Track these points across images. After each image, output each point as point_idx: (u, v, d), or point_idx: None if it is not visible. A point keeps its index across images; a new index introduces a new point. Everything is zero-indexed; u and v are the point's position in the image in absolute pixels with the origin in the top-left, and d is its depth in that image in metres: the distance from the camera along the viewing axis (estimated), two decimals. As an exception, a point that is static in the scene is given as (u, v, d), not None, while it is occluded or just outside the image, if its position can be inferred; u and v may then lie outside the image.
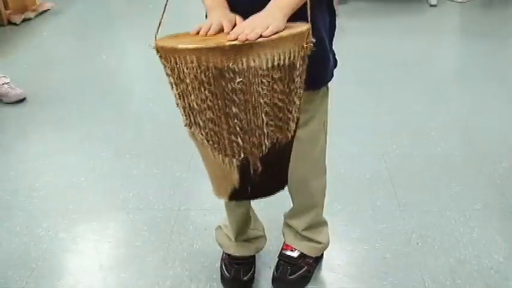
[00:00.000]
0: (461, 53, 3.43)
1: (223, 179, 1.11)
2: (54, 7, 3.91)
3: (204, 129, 1.05)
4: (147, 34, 3.16)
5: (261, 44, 0.96)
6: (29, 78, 2.86)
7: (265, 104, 1.02)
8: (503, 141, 2.31)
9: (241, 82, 0.98)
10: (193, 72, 0.99)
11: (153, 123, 2.48)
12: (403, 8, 3.97)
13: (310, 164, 1.40)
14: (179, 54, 1.00)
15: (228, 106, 1.01)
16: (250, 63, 0.97)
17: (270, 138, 1.06)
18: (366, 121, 2.47)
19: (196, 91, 1.01)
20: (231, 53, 0.95)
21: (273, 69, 0.99)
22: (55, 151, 2.29)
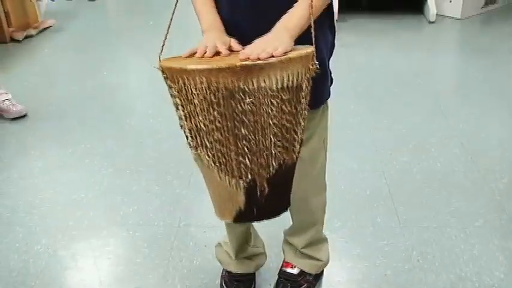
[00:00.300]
0: (460, 69, 3.44)
1: (228, 201, 1.10)
2: (56, 24, 3.94)
3: (211, 150, 1.04)
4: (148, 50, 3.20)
5: (272, 65, 0.96)
6: (30, 94, 2.87)
7: (274, 125, 1.02)
8: (504, 157, 2.31)
9: (251, 103, 0.98)
10: (202, 93, 0.98)
11: (154, 138, 2.48)
12: (402, 24, 4.00)
13: (310, 181, 1.40)
14: (188, 75, 0.99)
15: (237, 127, 1.00)
16: (260, 83, 0.97)
17: (277, 159, 1.06)
18: (366, 137, 2.47)
19: (204, 112, 1.00)
20: (242, 73, 0.95)
21: (282, 90, 1.00)
22: (55, 167, 2.29)
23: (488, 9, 4.20)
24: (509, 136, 2.49)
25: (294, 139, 1.08)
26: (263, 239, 1.60)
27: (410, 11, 4.12)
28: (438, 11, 4.04)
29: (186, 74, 0.99)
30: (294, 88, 1.02)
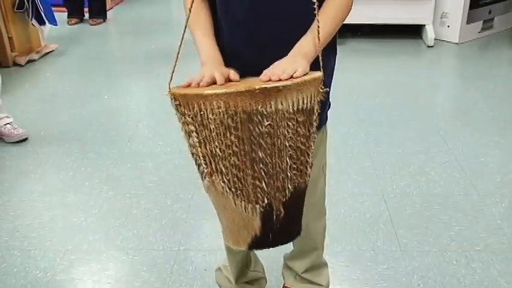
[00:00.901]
0: (459, 93, 3.46)
1: (243, 228, 1.09)
2: (58, 48, 3.97)
3: (227, 175, 1.04)
4: (149, 75, 3.19)
5: (289, 87, 0.97)
6: (31, 118, 2.88)
7: (290, 147, 1.03)
8: (504, 181, 2.31)
9: (269, 125, 0.99)
10: (219, 118, 0.98)
11: (154, 162, 2.48)
12: (401, 48, 4.04)
13: (310, 207, 1.38)
14: (205, 100, 0.99)
15: (254, 150, 1.01)
16: (278, 106, 0.98)
17: (293, 182, 1.06)
18: (366, 160, 2.46)
19: (221, 137, 1.00)
20: (260, 96, 0.96)
21: (298, 112, 1.01)
22: (55, 191, 2.28)
23: (486, 34, 4.24)
24: (508, 160, 2.49)
25: (307, 162, 1.08)
26: (263, 263, 1.59)
27: (409, 35, 4.16)
28: (436, 36, 4.07)
29: (202, 99, 0.99)
30: (308, 110, 1.03)
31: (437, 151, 2.55)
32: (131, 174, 2.39)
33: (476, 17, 4.12)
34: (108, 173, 2.39)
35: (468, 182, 2.28)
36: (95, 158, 2.53)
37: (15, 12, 3.56)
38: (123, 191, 2.26)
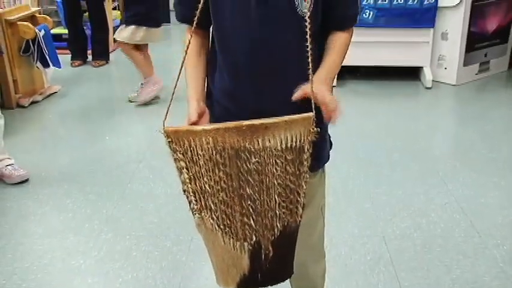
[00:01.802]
0: (457, 134, 3.49)
1: (232, 267, 1.09)
2: (61, 90, 4.01)
3: (216, 212, 1.05)
4: (149, 115, 3.20)
5: (276, 125, 1.00)
6: (33, 159, 2.89)
7: (279, 185, 1.04)
8: (504, 222, 2.30)
9: (256, 162, 1.01)
10: (208, 154, 1.00)
11: (154, 203, 2.48)
12: (400, 90, 4.08)
13: (308, 249, 1.39)
14: (195, 136, 1.01)
15: (242, 187, 1.02)
16: (265, 143, 1.00)
17: (282, 220, 1.07)
18: (366, 202, 2.46)
19: (210, 173, 1.02)
20: (248, 132, 0.98)
21: (286, 150, 1.02)
22: (55, 233, 2.28)
23: (482, 76, 4.29)
24: (508, 201, 2.49)
25: (297, 201, 1.08)
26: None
27: (407, 77, 4.21)
28: (434, 78, 4.12)
29: (192, 135, 1.01)
30: (297, 149, 1.04)
31: (437, 192, 2.55)
32: (131, 215, 2.39)
33: (473, 59, 4.19)
34: (108, 215, 2.39)
35: (469, 224, 2.28)
36: (95, 199, 2.53)
37: (21, 55, 3.62)
38: (123, 232, 2.25)
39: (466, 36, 4.04)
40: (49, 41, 3.71)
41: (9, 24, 3.48)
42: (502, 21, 4.26)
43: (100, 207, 2.45)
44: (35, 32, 3.55)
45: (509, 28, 4.33)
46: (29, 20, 3.65)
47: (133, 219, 2.35)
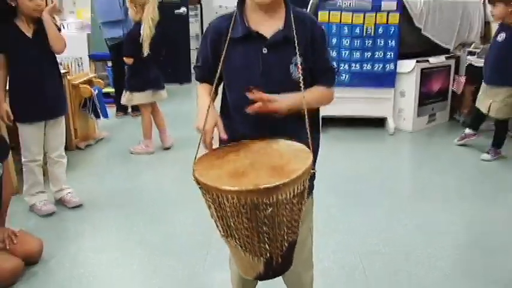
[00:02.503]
0: (415, 171, 3.49)
1: (250, 269, 1.11)
2: (109, 135, 4.05)
3: (239, 239, 1.06)
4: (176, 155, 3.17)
5: (287, 184, 0.99)
6: (86, 189, 2.90)
7: (287, 220, 1.04)
8: (454, 239, 2.30)
9: (271, 211, 0.99)
10: (233, 205, 0.99)
11: (180, 226, 2.46)
12: (369, 135, 4.09)
13: (301, 262, 1.39)
14: (222, 193, 1.00)
15: (260, 226, 1.02)
16: (279, 197, 0.99)
17: (288, 240, 1.08)
18: (343, 225, 2.46)
19: (234, 217, 1.02)
20: (265, 192, 0.97)
21: (294, 197, 1.02)
22: (102, 247, 2.27)
23: (431, 125, 4.34)
24: (455, 223, 2.49)
25: (298, 223, 1.10)
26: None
27: (375, 125, 4.23)
28: (396, 126, 4.16)
29: (219, 192, 1.00)
30: (301, 192, 1.04)
31: (400, 217, 2.55)
32: (159, 236, 2.37)
33: (424, 112, 4.23)
34: (141, 235, 2.38)
35: (425, 241, 2.28)
36: (131, 222, 2.52)
37: (80, 110, 3.68)
38: (152, 249, 2.24)
39: (418, 95, 4.10)
40: (100, 98, 3.77)
41: (73, 86, 3.56)
42: (443, 84, 4.34)
43: (136, 228, 2.45)
44: (91, 91, 3.62)
45: (448, 89, 4.41)
46: (87, 83, 3.72)
47: (162, 239, 2.34)
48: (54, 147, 2.61)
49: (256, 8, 1.24)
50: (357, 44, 3.96)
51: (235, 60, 1.25)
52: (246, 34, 1.23)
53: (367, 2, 3.89)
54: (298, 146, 1.13)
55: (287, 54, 1.21)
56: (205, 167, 1.11)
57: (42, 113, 2.49)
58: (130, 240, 2.33)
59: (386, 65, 4.01)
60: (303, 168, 1.03)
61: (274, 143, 1.18)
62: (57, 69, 2.56)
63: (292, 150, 1.13)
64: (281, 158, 1.10)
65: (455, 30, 4.36)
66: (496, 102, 3.27)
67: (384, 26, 3.93)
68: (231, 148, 1.18)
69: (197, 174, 1.06)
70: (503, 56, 3.22)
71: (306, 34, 1.24)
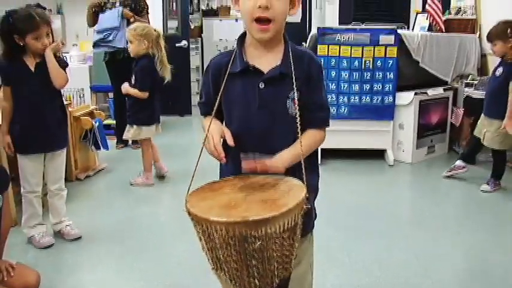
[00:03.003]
0: (414, 202, 3.51)
1: None
2: (108, 166, 4.08)
3: (228, 272, 1.05)
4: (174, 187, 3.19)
5: (276, 217, 0.98)
6: (85, 221, 2.91)
7: (277, 256, 1.03)
8: (453, 268, 2.29)
9: (260, 244, 0.98)
10: (221, 237, 0.99)
11: (177, 258, 2.47)
12: (369, 167, 4.12)
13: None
14: (210, 224, 1.00)
15: (249, 259, 1.01)
16: (267, 230, 0.98)
17: (279, 276, 1.06)
18: (344, 258, 2.46)
19: (223, 249, 1.01)
20: (253, 225, 0.97)
21: (284, 231, 1.01)
22: (101, 279, 2.27)
23: (430, 157, 4.38)
24: (455, 253, 2.49)
25: (290, 259, 1.08)
26: None
27: (374, 157, 4.27)
28: (395, 158, 4.20)
29: (208, 223, 1.00)
30: (292, 227, 1.03)
31: (400, 248, 2.56)
32: (159, 267, 2.38)
33: (422, 144, 4.29)
34: (141, 266, 2.39)
35: (423, 270, 2.28)
36: (131, 254, 2.53)
37: (80, 141, 3.73)
38: (152, 280, 2.24)
39: (417, 127, 4.17)
40: (101, 129, 3.82)
41: (75, 118, 3.62)
42: (441, 115, 4.42)
43: (135, 260, 2.46)
44: (92, 123, 3.68)
45: (446, 121, 4.47)
46: (88, 115, 3.79)
47: (161, 270, 2.35)
48: (54, 179, 2.64)
49: (255, 43, 1.29)
50: (356, 77, 4.04)
51: (233, 94, 1.29)
52: (244, 68, 1.27)
53: (366, 36, 4.00)
54: (295, 182, 1.14)
55: (284, 90, 1.25)
56: (198, 199, 1.12)
57: (41, 145, 2.53)
58: (130, 273, 2.33)
59: (384, 97, 4.09)
60: (293, 202, 1.02)
61: (271, 177, 1.19)
62: (60, 103, 2.62)
63: (287, 185, 1.13)
64: (275, 192, 1.10)
65: (452, 63, 4.47)
66: (489, 132, 3.35)
67: (382, 59, 4.02)
68: (227, 181, 1.20)
69: (189, 205, 1.07)
70: (497, 90, 3.31)
71: (303, 70, 1.28)
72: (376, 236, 2.72)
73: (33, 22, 2.34)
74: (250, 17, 1.23)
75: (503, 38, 3.25)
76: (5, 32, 2.37)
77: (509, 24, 3.24)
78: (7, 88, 2.46)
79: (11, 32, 2.36)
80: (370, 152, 4.25)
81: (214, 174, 1.31)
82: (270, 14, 1.21)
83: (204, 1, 7.41)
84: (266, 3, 1.19)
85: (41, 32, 2.38)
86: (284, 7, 1.23)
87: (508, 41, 3.24)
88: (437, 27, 4.73)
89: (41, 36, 2.38)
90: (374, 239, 2.69)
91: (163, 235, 2.75)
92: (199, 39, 7.26)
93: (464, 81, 4.44)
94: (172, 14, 6.21)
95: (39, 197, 2.60)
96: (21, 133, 2.48)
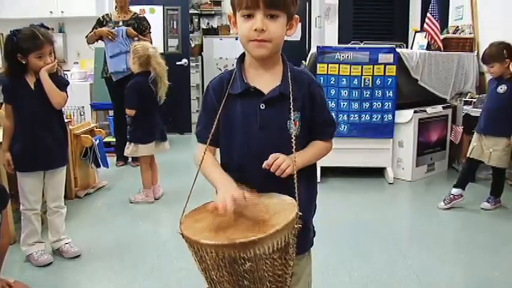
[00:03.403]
0: (413, 220, 3.51)
1: None
2: (108, 184, 4.09)
3: None
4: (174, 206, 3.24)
5: (263, 238, 0.99)
6: (84, 239, 2.92)
7: (269, 275, 1.03)
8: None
9: (250, 265, 1.00)
10: (212, 258, 1.02)
11: (176, 276, 2.47)
12: (369, 185, 4.13)
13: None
14: (201, 246, 1.02)
15: (241, 280, 1.02)
16: (256, 251, 0.99)
17: None
18: (343, 277, 2.46)
19: (215, 269, 1.03)
20: (241, 247, 0.98)
21: (274, 252, 1.02)
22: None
23: (430, 174, 4.39)
24: (455, 273, 2.49)
25: (285, 278, 1.08)
26: None
27: (374, 175, 4.28)
28: (395, 175, 4.21)
29: (199, 245, 1.02)
30: (283, 247, 1.03)
31: (399, 267, 2.56)
32: (158, 285, 2.37)
33: (422, 162, 4.31)
34: (140, 285, 2.39)
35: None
36: (130, 271, 2.53)
37: (80, 159, 3.75)
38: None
39: (416, 144, 4.19)
40: (101, 147, 3.85)
41: (75, 136, 3.66)
42: (440, 133, 4.45)
43: (134, 278, 2.46)
44: (92, 141, 3.71)
45: (446, 139, 4.51)
46: (88, 133, 3.82)
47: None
48: (54, 197, 2.66)
49: (255, 64, 1.31)
50: (355, 95, 4.09)
51: (233, 115, 1.30)
52: (245, 90, 1.29)
53: (365, 55, 4.05)
54: (289, 201, 1.14)
55: (284, 110, 1.27)
56: (192, 221, 1.13)
57: (42, 163, 2.55)
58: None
59: (384, 115, 4.13)
60: (282, 223, 1.03)
61: (266, 197, 1.19)
62: (60, 121, 2.64)
63: (280, 204, 1.13)
64: (266, 213, 1.10)
65: (451, 81, 4.53)
66: (496, 151, 3.33)
67: (381, 77, 4.07)
68: None
69: (182, 227, 1.09)
70: (504, 107, 3.31)
71: (304, 91, 1.31)
72: (376, 255, 2.72)
73: (36, 41, 2.39)
74: (246, 40, 1.25)
75: (500, 60, 3.29)
76: (9, 50, 2.42)
77: (503, 45, 3.30)
78: (8, 106, 2.50)
79: (15, 50, 2.41)
80: (370, 170, 4.26)
81: (212, 192, 1.32)
82: (266, 36, 1.23)
83: (205, 20, 7.52)
84: (262, 26, 1.21)
85: (44, 51, 2.43)
86: (280, 29, 1.25)
87: (504, 61, 3.29)
88: (435, 45, 4.79)
89: (44, 55, 2.43)
90: (374, 257, 2.69)
91: (163, 253, 2.76)
92: (200, 58, 7.36)
93: (463, 99, 4.48)
94: (173, 32, 6.30)
95: (38, 215, 2.61)
96: (21, 151, 2.51)
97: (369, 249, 2.79)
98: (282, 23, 1.25)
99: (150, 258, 2.69)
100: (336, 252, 2.73)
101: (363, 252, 2.76)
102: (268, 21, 1.22)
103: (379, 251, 2.77)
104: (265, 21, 1.22)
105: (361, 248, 2.81)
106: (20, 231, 2.63)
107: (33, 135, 2.50)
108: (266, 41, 1.23)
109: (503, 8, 4.33)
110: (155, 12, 6.14)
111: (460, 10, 5.18)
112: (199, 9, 7.40)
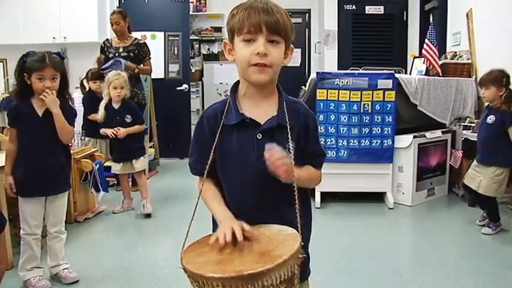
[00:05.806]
0: (414, 245, 3.52)
1: None
2: (107, 209, 4.11)
3: None
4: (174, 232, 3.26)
5: (271, 269, 0.98)
6: (83, 264, 2.93)
7: None
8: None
9: None
10: None
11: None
12: (369, 210, 4.15)
13: None
14: (206, 280, 0.99)
15: None
16: (264, 283, 0.98)
17: None
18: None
19: None
20: (249, 279, 0.97)
21: (281, 283, 1.01)
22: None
23: (430, 199, 4.42)
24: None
25: None
26: None
27: (374, 200, 4.30)
28: (395, 200, 4.23)
29: (204, 279, 1.00)
30: (289, 278, 1.03)
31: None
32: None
33: (422, 186, 4.34)
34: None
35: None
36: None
37: (80, 183, 3.78)
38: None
39: (416, 169, 4.24)
40: (101, 172, 3.89)
41: (76, 161, 3.69)
42: (440, 158, 4.50)
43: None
44: (92, 166, 3.75)
45: (446, 163, 4.55)
46: (89, 157, 3.87)
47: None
48: (54, 222, 2.68)
49: (250, 93, 1.34)
50: (355, 120, 4.14)
51: (229, 145, 1.31)
52: (241, 121, 1.30)
53: (364, 81, 4.13)
54: (289, 231, 1.15)
55: (281, 140, 1.28)
56: (193, 255, 1.13)
57: (44, 189, 2.59)
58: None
59: (384, 140, 4.18)
60: (288, 253, 1.03)
61: (265, 228, 1.20)
62: (64, 148, 2.67)
63: (281, 235, 1.14)
64: (269, 244, 1.10)
65: (449, 106, 4.60)
66: (485, 179, 3.40)
67: (380, 103, 4.14)
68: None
69: (184, 262, 1.08)
70: (493, 138, 3.41)
71: (300, 121, 1.35)
72: (377, 281, 2.73)
73: (40, 62, 2.47)
74: (247, 64, 1.29)
75: (498, 85, 3.37)
76: (18, 69, 2.52)
77: (504, 73, 3.40)
78: (13, 129, 2.55)
79: (22, 69, 2.49)
80: (370, 195, 4.28)
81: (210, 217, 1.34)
82: (268, 60, 1.27)
83: (205, 46, 7.66)
84: (264, 50, 1.25)
85: (45, 74, 2.48)
86: (280, 55, 1.30)
87: (501, 88, 3.37)
88: (434, 71, 4.89)
89: (45, 77, 2.48)
90: (375, 283, 2.69)
91: (162, 279, 2.76)
92: (200, 83, 7.46)
93: (462, 124, 4.55)
94: (174, 58, 6.42)
95: (38, 240, 2.63)
96: (24, 176, 2.54)
97: (370, 275, 2.80)
98: (281, 50, 1.30)
99: (149, 284, 2.70)
100: (336, 277, 2.74)
101: (364, 278, 2.77)
102: (269, 46, 1.27)
103: (380, 277, 2.77)
104: (266, 45, 1.26)
105: (362, 274, 2.82)
106: (18, 256, 2.64)
107: (36, 160, 2.54)
108: (267, 65, 1.27)
109: (500, 34, 4.44)
110: (156, 38, 6.28)
111: (458, 36, 5.30)
112: (200, 35, 7.55)
